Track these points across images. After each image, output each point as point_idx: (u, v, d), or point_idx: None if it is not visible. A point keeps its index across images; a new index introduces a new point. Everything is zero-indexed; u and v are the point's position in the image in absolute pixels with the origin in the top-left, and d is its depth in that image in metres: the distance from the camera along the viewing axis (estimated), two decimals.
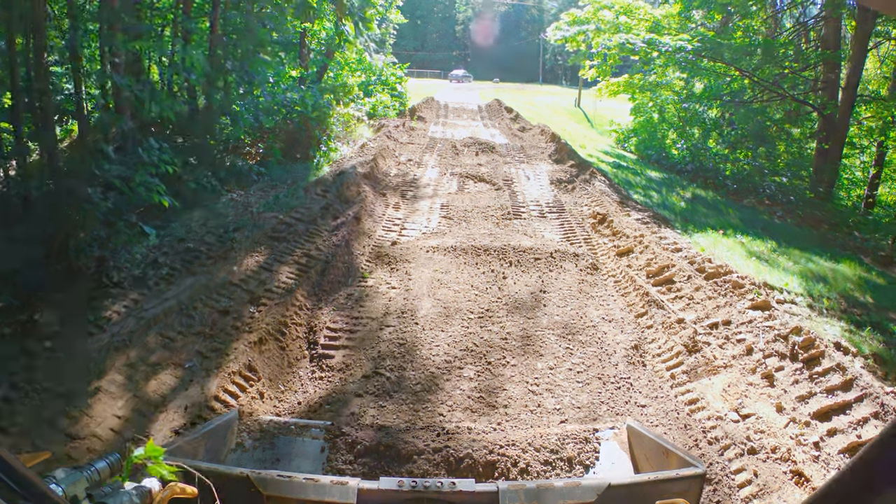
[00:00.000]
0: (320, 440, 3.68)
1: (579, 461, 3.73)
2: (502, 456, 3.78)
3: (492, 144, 15.53)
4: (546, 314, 6.01)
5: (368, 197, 9.33)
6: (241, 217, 8.03)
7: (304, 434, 3.71)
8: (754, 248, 9.02)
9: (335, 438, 3.75)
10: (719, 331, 5.98)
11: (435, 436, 3.92)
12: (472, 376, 4.95)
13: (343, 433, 3.79)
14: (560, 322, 5.87)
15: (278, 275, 6.50)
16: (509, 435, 3.99)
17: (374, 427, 4.01)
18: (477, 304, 6.10)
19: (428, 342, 5.38)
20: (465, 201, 9.88)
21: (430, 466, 3.69)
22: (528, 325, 5.77)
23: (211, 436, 2.83)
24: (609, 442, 3.64)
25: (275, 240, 7.31)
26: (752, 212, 13.57)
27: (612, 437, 3.61)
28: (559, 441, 3.88)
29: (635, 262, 7.48)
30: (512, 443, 3.88)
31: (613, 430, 3.62)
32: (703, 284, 6.71)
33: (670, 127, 19.93)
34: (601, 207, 9.41)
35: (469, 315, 5.87)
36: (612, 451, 3.57)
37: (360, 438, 3.78)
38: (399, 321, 5.73)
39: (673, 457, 2.59)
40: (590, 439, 3.79)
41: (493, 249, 7.36)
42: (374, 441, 3.80)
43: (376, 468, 3.66)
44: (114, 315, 5.59)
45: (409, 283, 6.55)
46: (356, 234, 7.78)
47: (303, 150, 11.71)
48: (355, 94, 15.13)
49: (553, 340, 5.53)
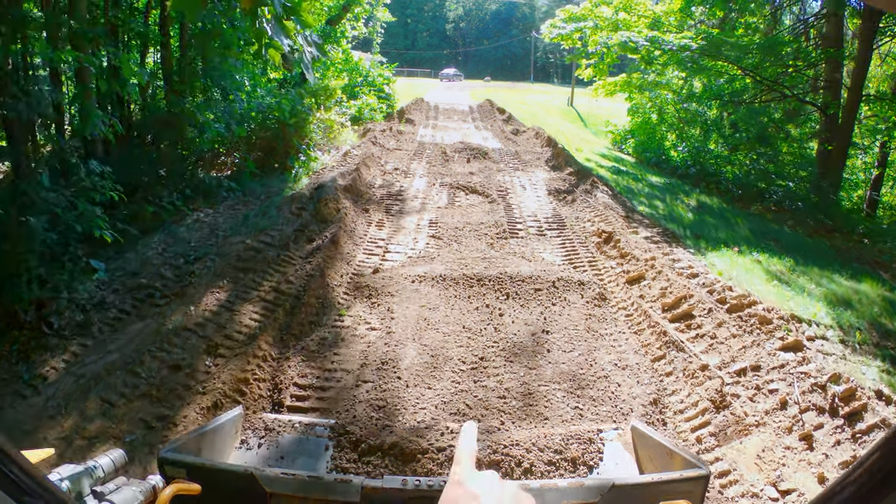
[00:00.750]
0: (325, 438, 3.56)
1: (583, 461, 3.73)
2: (506, 455, 3.81)
3: (484, 150, 14.65)
4: (550, 362, 5.16)
5: (349, 214, 8.44)
6: (205, 242, 7.15)
7: (309, 432, 3.57)
8: (773, 268, 8.27)
9: (340, 437, 3.85)
10: (748, 378, 5.18)
11: (439, 434, 3.98)
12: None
13: (348, 431, 3.88)
14: (567, 372, 5.02)
15: (241, 316, 5.62)
16: (513, 435, 4.02)
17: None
18: (470, 350, 5.24)
19: (412, 403, 4.52)
20: (455, 217, 9.01)
21: (435, 466, 3.76)
22: (530, 377, 4.92)
23: (216, 433, 2.63)
24: (613, 443, 3.26)
25: (240, 270, 6.42)
26: (761, 221, 12.81)
27: (616, 437, 3.22)
28: (563, 441, 3.90)
29: (648, 292, 6.64)
30: (516, 443, 3.91)
31: (618, 431, 3.18)
32: (725, 319, 5.90)
33: (670, 128, 19.14)
34: (606, 223, 8.57)
35: (461, 365, 5.00)
36: (617, 451, 3.20)
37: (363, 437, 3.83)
38: (378, 375, 4.85)
39: (677, 458, 2.40)
40: (594, 440, 3.78)
41: (487, 279, 6.49)
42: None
43: (380, 466, 3.77)
44: (51, 372, 4.80)
45: (391, 322, 5.67)
46: (333, 261, 6.90)
47: (281, 159, 10.82)
48: (338, 98, 14.17)
49: (559, 398, 4.68)
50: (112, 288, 6.06)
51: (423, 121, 22.02)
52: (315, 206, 8.36)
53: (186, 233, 7.42)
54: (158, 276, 6.30)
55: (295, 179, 10.25)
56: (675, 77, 19.05)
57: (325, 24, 19.45)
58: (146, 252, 6.86)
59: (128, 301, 5.86)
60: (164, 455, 1.90)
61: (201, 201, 8.41)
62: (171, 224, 7.66)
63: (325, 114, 12.90)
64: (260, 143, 10.87)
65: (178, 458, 1.88)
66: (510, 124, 22.57)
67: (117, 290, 6.03)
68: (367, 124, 17.36)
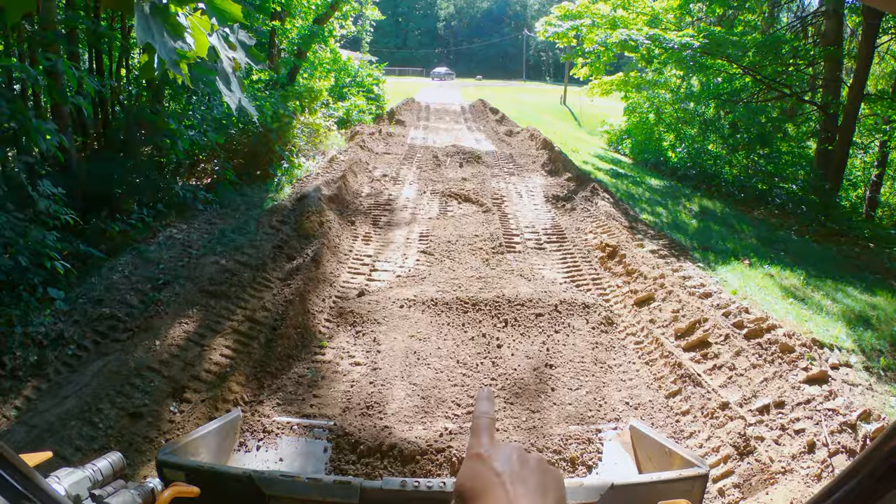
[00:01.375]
0: (323, 440, 3.69)
1: (582, 461, 3.75)
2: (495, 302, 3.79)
3: (477, 153, 14.06)
4: (555, 403, 4.60)
5: (333, 228, 7.85)
6: (176, 263, 6.55)
7: (308, 434, 3.73)
8: (786, 283, 7.81)
9: (338, 438, 3.80)
10: (772, 417, 4.66)
11: (438, 435, 3.96)
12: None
13: (347, 433, 3.84)
14: (574, 415, 4.46)
15: (210, 352, 5.03)
16: (512, 436, 4.02)
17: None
18: (465, 389, 4.67)
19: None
20: (448, 229, 8.44)
21: (433, 467, 3.71)
22: (533, 421, 4.36)
23: (214, 435, 2.66)
24: (612, 442, 3.44)
25: (212, 296, 5.83)
26: (767, 227, 12.34)
27: (615, 437, 3.40)
28: (562, 441, 3.91)
29: (659, 315, 6.10)
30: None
31: (617, 431, 3.45)
32: (744, 346, 5.38)
33: (668, 128, 18.63)
34: (609, 235, 8.02)
35: (455, 409, 4.43)
36: (616, 451, 3.29)
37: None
38: (362, 422, 4.28)
39: (676, 457, 2.46)
40: (593, 440, 3.83)
41: (483, 303, 5.92)
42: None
43: (379, 468, 3.70)
44: (1, 421, 4.25)
45: (377, 356, 5.10)
46: (314, 283, 6.30)
47: (262, 166, 10.20)
48: (324, 100, 13.53)
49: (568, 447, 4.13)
50: (72, 319, 5.46)
51: (413, 122, 21.40)
52: (296, 219, 7.77)
53: (157, 252, 6.81)
54: (123, 303, 5.70)
55: (277, 189, 9.65)
56: (672, 76, 18.57)
57: (311, 23, 18.82)
58: (111, 276, 6.25)
59: (88, 334, 5.26)
60: (162, 458, 1.89)
61: (174, 216, 7.80)
62: (141, 243, 7.05)
63: (310, 117, 12.27)
64: (241, 148, 10.26)
65: (176, 461, 1.89)
66: (503, 125, 22.00)
67: (77, 322, 5.43)
68: (355, 127, 16.74)
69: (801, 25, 17.86)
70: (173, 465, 1.90)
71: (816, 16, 17.70)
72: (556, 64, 79.10)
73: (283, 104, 10.73)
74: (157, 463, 1.88)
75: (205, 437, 2.60)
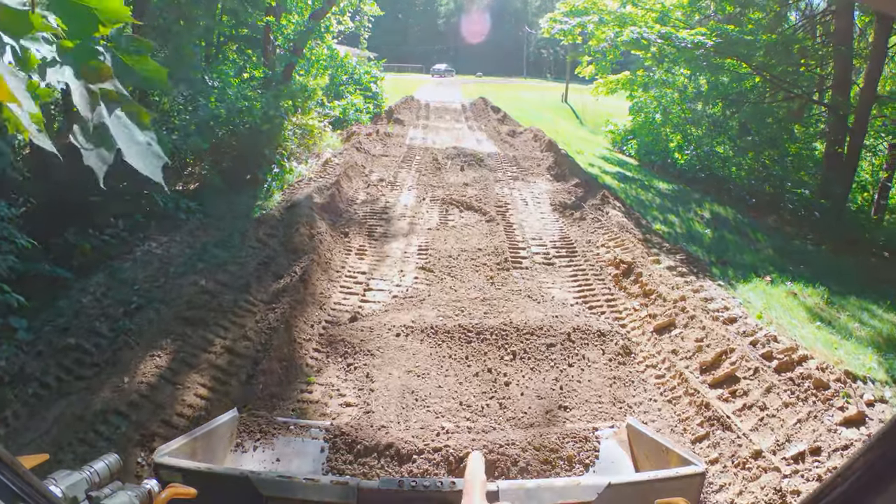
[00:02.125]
0: (320, 440, 3.67)
1: (579, 460, 3.71)
2: (502, 455, 3.74)
3: (479, 156, 13.47)
4: None
5: (325, 240, 7.28)
6: (152, 284, 5.99)
7: (304, 434, 3.70)
8: (810, 302, 7.36)
9: (335, 438, 3.76)
10: (807, 466, 4.10)
11: (435, 435, 3.94)
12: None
13: (343, 433, 3.80)
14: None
15: (184, 391, 4.46)
16: (509, 434, 3.97)
17: None
18: (470, 436, 4.12)
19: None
20: (449, 241, 7.87)
21: (430, 466, 3.67)
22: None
23: (211, 436, 2.74)
24: (609, 441, 3.63)
25: (188, 323, 5.27)
26: (782, 236, 11.80)
27: (611, 435, 3.61)
28: (559, 440, 3.87)
29: (681, 345, 5.54)
30: (511, 442, 3.85)
31: (613, 429, 3.63)
32: (775, 382, 4.83)
33: (675, 129, 18.04)
34: (623, 250, 7.46)
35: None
36: (612, 449, 3.54)
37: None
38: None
39: (673, 455, 2.55)
40: (590, 438, 3.78)
41: (488, 331, 5.36)
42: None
43: (376, 468, 3.67)
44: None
45: (370, 395, 4.54)
46: (302, 307, 5.74)
47: (253, 170, 9.62)
48: (319, 99, 12.91)
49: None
50: (35, 351, 4.90)
51: (413, 121, 20.79)
52: (285, 231, 7.21)
53: (132, 270, 6.24)
54: (91, 332, 5.13)
55: (267, 195, 9.08)
56: (679, 75, 17.98)
57: (307, 19, 18.22)
58: (81, 298, 5.68)
59: (52, 369, 4.69)
60: (158, 459, 2.02)
61: (154, 227, 7.23)
62: (116, 259, 6.48)
63: (303, 117, 11.68)
64: (230, 151, 9.67)
65: (172, 463, 2.01)
66: (506, 124, 21.40)
67: (41, 354, 4.87)
68: (351, 127, 16.14)
69: (810, 24, 17.31)
70: (170, 466, 1.94)
71: (825, 15, 17.15)
72: (557, 61, 78.48)
73: (274, 104, 10.13)
74: (153, 464, 1.92)
75: (201, 437, 2.64)
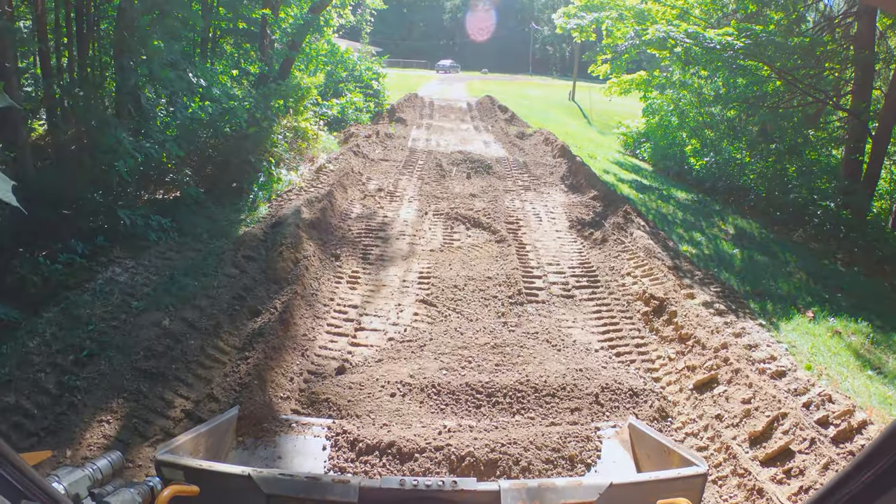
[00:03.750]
0: (322, 438, 3.65)
1: (581, 459, 3.65)
2: (504, 454, 3.65)
3: (487, 162, 12.51)
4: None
5: (312, 266, 6.37)
6: (109, 323, 5.09)
7: (306, 432, 3.67)
8: (855, 342, 6.73)
9: (337, 436, 3.69)
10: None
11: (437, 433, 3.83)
12: None
13: (345, 430, 3.73)
14: None
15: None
16: (511, 433, 3.88)
17: None
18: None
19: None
20: (453, 267, 6.95)
21: (432, 465, 3.56)
22: None
23: (213, 434, 2.71)
24: (611, 440, 3.62)
25: (145, 376, 4.39)
26: (810, 255, 10.92)
27: (613, 435, 3.61)
28: (561, 440, 3.80)
29: (726, 407, 4.63)
30: (513, 441, 3.77)
31: (616, 429, 3.61)
32: (833, 457, 3.98)
33: (691, 133, 17.08)
34: (653, 281, 6.54)
35: None
36: (614, 449, 3.52)
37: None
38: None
39: (674, 455, 2.55)
40: (591, 438, 3.76)
41: (501, 391, 4.45)
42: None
43: (377, 466, 3.62)
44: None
45: None
46: (282, 353, 4.83)
47: (237, 179, 8.70)
48: (313, 98, 11.94)
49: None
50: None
51: (416, 120, 19.83)
52: (267, 255, 6.31)
53: (90, 304, 5.31)
54: (35, 388, 4.23)
55: (251, 208, 8.16)
56: (695, 76, 17.04)
57: (306, 12, 17.30)
58: (29, 342, 4.77)
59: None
60: (160, 457, 1.99)
61: (119, 250, 6.32)
62: (74, 289, 5.57)
63: (296, 119, 10.73)
64: (214, 156, 8.74)
65: (174, 460, 1.99)
66: (514, 125, 20.43)
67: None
68: (350, 127, 15.20)
69: (830, 27, 16.38)
70: (171, 464, 1.95)
71: (846, 17, 16.22)
72: (563, 58, 77.42)
73: (263, 104, 9.18)
74: (155, 462, 1.95)
75: (202, 435, 2.56)
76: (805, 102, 15.85)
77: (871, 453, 0.84)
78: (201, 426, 2.59)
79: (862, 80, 14.60)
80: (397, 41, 71.35)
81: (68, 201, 6.25)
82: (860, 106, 14.37)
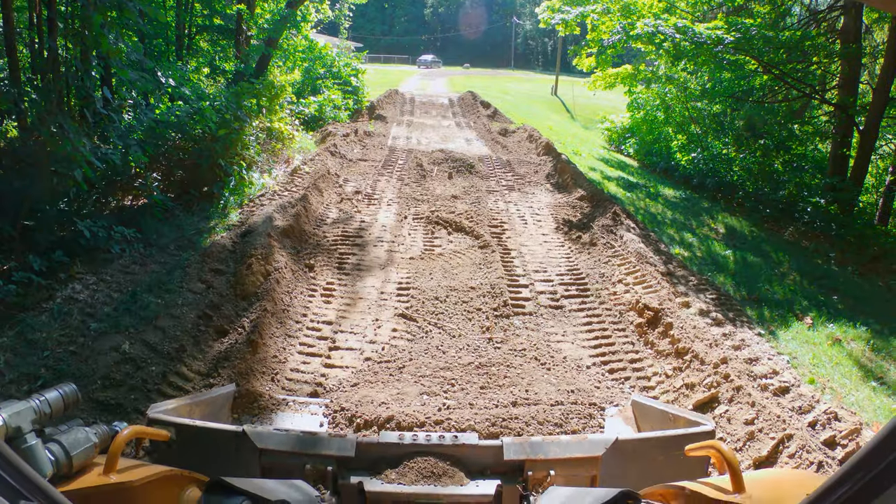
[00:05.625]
0: (319, 416, 3.66)
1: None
2: (505, 429, 3.71)
3: (469, 161, 12.12)
4: None
5: (284, 278, 5.95)
6: (66, 348, 4.62)
7: (303, 410, 3.74)
8: (855, 349, 6.41)
9: (335, 413, 3.76)
10: None
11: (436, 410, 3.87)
12: None
13: (343, 408, 3.80)
14: None
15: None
16: (512, 410, 3.92)
17: None
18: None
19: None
20: (434, 276, 6.56)
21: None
22: None
23: (209, 404, 2.62)
24: (614, 418, 3.68)
25: (103, 409, 3.97)
26: (802, 253, 10.72)
27: (616, 413, 3.68)
28: (563, 416, 3.86)
29: (728, 429, 4.31)
30: (515, 416, 3.81)
31: (619, 408, 3.72)
32: None
33: (678, 129, 16.84)
34: (646, 289, 6.20)
35: None
36: (618, 424, 3.55)
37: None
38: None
39: (680, 420, 2.49)
40: (594, 415, 3.85)
41: (488, 420, 4.09)
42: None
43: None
44: None
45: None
46: (250, 378, 4.40)
47: (207, 184, 8.22)
48: (287, 97, 11.45)
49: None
50: None
51: (396, 117, 19.37)
52: (235, 268, 5.87)
53: (46, 327, 4.84)
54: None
55: (222, 215, 7.70)
56: (681, 70, 16.81)
57: (283, 7, 16.79)
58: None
59: None
60: (152, 415, 2.01)
61: (80, 265, 5.84)
62: (31, 310, 5.10)
63: (270, 118, 10.25)
64: (184, 159, 8.25)
65: (166, 418, 1.99)
66: (496, 121, 20.06)
67: None
68: (328, 126, 14.72)
69: (814, 21, 16.23)
70: (163, 421, 1.95)
71: (831, 11, 16.08)
72: (545, 53, 77.26)
73: (235, 104, 8.69)
74: (146, 420, 1.95)
75: (197, 404, 2.61)
76: (791, 97, 15.72)
77: (869, 453, 0.82)
78: (197, 395, 2.60)
79: (849, 74, 14.49)
80: (378, 36, 70.72)
81: (23, 214, 5.77)
82: (847, 100, 14.25)
